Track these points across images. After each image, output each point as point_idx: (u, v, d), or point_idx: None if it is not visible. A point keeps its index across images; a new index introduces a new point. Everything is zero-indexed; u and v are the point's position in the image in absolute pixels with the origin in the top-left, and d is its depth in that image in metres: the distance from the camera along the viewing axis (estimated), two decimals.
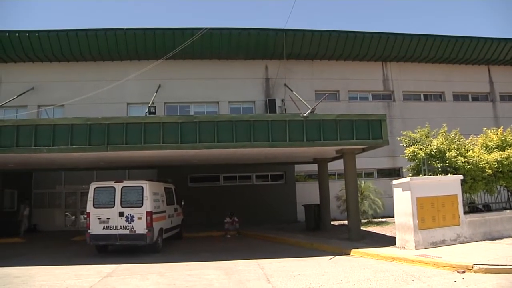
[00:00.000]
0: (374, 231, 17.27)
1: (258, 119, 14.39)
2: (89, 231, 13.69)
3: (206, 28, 21.43)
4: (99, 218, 13.63)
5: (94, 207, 13.79)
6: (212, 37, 22.41)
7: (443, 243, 12.44)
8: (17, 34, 22.28)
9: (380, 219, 20.23)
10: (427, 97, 26.81)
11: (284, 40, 23.15)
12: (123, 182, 14.14)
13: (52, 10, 71.81)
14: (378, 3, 71.45)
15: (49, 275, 10.65)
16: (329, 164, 19.51)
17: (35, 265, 12.20)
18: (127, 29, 22.49)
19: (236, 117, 14.76)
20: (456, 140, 15.24)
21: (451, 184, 13.17)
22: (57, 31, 22.43)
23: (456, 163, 14.06)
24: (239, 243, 16.36)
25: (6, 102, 21.12)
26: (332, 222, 19.62)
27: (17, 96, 21.78)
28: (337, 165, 18.64)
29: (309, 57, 24.59)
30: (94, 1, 71.54)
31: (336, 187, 20.27)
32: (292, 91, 22.08)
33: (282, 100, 23.17)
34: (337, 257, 12.11)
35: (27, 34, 22.28)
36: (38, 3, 68.31)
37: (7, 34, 22.26)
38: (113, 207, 13.63)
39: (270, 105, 22.96)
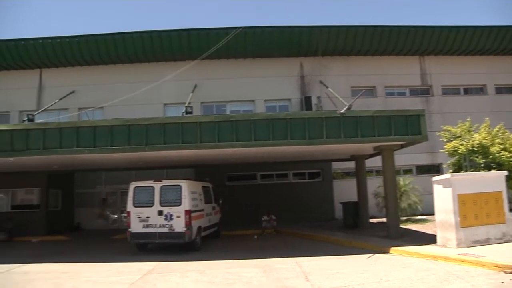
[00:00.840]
0: (414, 228, 16.92)
1: (294, 116, 14.28)
2: (129, 229, 13.99)
3: (240, 27, 21.53)
4: (139, 217, 13.90)
5: (134, 206, 14.07)
6: (246, 36, 22.44)
7: (487, 241, 12.00)
8: (58, 40, 23.15)
9: (419, 217, 19.79)
10: (467, 91, 25.89)
11: (318, 37, 22.95)
12: (161, 181, 14.36)
13: (81, 15, 73.87)
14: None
15: (92, 272, 11.04)
16: (366, 161, 19.22)
17: (80, 262, 12.64)
18: (162, 31, 22.85)
19: (273, 115, 14.70)
20: (500, 134, 14.73)
21: (494, 180, 12.70)
22: (95, 36, 23.09)
23: (501, 158, 13.63)
24: (276, 241, 16.34)
25: (49, 106, 21.88)
26: (371, 220, 19.31)
27: (59, 99, 22.54)
28: (375, 162, 18.38)
29: (344, 53, 24.28)
30: (121, 5, 73.09)
31: (374, 184, 19.95)
32: (328, 88, 21.88)
33: (318, 97, 22.99)
34: (376, 255, 11.91)
35: (67, 40, 23.09)
36: (68, 7, 70.38)
37: (49, 40, 23.15)
38: (152, 206, 13.86)
39: (306, 102, 22.80)
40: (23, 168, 18.78)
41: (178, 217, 13.60)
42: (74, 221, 23.95)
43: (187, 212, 13.63)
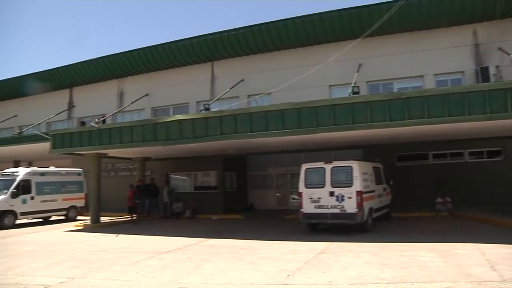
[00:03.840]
0: None
1: (472, 89, 12.95)
2: (301, 210, 14.41)
3: None
4: (310, 198, 14.21)
5: (306, 187, 14.42)
6: (410, 8, 20.77)
7: None
8: (226, 34, 24.79)
9: None
10: None
11: None
12: (332, 162, 14.42)
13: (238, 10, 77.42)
14: None
15: (268, 249, 11.60)
16: None
17: (255, 239, 13.52)
18: (323, 13, 22.63)
19: (447, 89, 13.59)
20: None
21: None
22: (259, 25, 24.04)
23: None
24: (452, 225, 15.30)
25: (222, 95, 23.66)
26: None
27: (230, 88, 24.16)
28: None
29: None
30: None
31: None
32: (509, 54, 19.30)
33: (497, 67, 20.26)
34: None
35: (234, 33, 24.58)
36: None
37: (218, 35, 24.98)
38: (323, 187, 14.03)
39: (482, 73, 20.31)
40: (202, 153, 20.78)
41: (350, 198, 13.55)
42: (248, 201, 25.80)
43: (359, 193, 13.52)
